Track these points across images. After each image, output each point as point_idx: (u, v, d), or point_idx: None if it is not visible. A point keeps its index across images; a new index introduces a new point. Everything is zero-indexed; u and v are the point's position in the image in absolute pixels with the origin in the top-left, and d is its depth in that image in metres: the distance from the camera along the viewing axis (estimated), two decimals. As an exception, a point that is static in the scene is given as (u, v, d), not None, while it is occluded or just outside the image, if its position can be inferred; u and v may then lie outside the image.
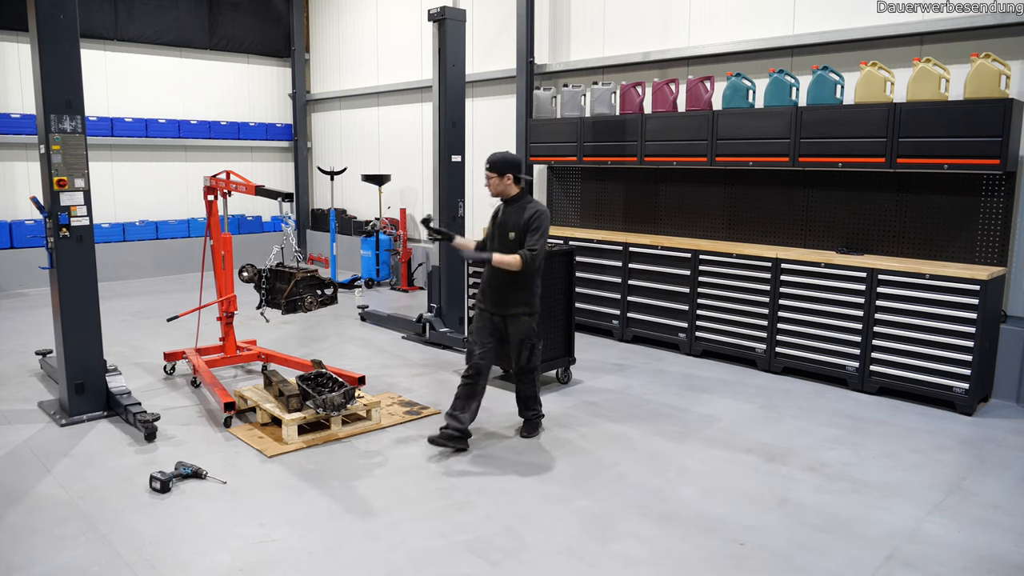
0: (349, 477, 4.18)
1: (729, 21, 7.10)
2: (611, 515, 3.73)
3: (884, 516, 3.77)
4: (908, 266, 5.57)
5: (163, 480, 3.91)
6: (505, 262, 4.38)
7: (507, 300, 4.55)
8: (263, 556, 3.34)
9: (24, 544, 3.41)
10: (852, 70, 6.11)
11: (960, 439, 4.87)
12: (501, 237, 4.55)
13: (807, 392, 5.81)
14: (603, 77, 8.16)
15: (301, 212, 12.61)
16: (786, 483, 4.15)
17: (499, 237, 4.57)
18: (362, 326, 8.02)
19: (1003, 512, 3.83)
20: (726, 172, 7.04)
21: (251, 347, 6.32)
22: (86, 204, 4.90)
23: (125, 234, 10.89)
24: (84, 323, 4.99)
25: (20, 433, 4.79)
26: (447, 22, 6.89)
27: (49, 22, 4.68)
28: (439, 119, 7.09)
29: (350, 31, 11.85)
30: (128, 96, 10.89)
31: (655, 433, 4.90)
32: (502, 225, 4.58)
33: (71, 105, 4.80)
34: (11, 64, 9.86)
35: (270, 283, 5.31)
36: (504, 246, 4.50)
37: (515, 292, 4.53)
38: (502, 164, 4.51)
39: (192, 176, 11.43)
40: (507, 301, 4.55)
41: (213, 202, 5.89)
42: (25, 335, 7.29)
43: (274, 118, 12.53)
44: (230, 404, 4.87)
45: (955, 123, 5.30)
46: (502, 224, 4.59)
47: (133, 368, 6.20)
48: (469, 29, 6.85)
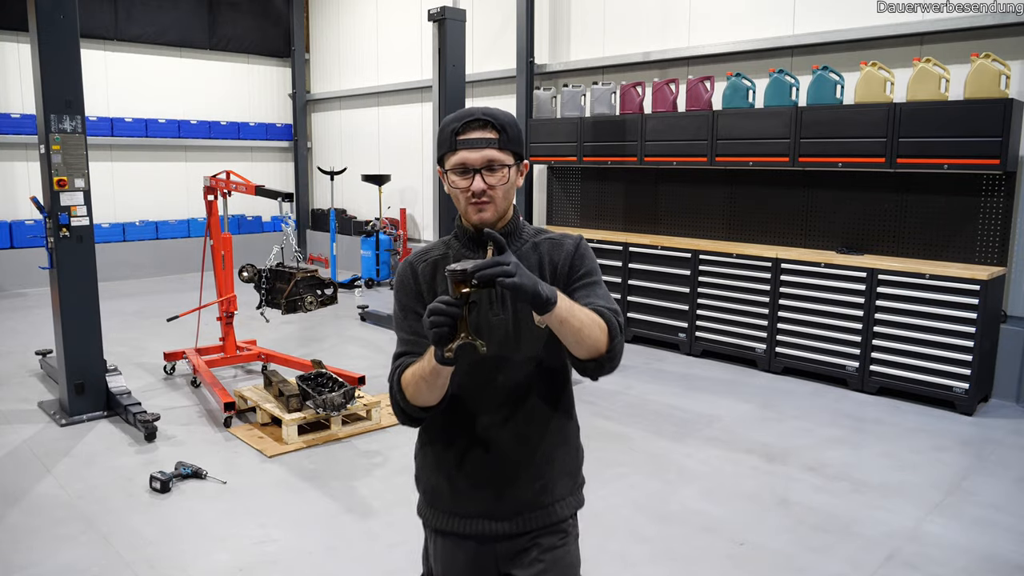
0: (349, 477, 4.18)
1: (729, 21, 7.10)
2: (611, 515, 3.73)
3: (884, 516, 3.76)
4: (908, 266, 5.57)
5: (163, 480, 3.91)
6: (589, 323, 1.57)
7: (543, 480, 1.77)
8: (263, 556, 3.34)
9: (24, 544, 3.41)
10: (852, 70, 6.10)
11: (960, 439, 4.86)
12: (498, 327, 1.71)
13: (807, 392, 5.81)
14: (603, 77, 8.15)
15: (301, 212, 12.60)
16: (786, 483, 4.15)
17: (495, 328, 1.71)
18: (362, 326, 8.02)
19: (1003, 512, 3.83)
20: (726, 172, 7.04)
21: (251, 347, 6.32)
22: (86, 204, 4.90)
23: (125, 234, 10.88)
24: (84, 323, 4.99)
25: (20, 433, 4.79)
26: (447, 22, 6.88)
27: (49, 22, 4.68)
28: (439, 119, 7.09)
29: (350, 31, 11.84)
30: (128, 96, 10.88)
31: (655, 433, 4.89)
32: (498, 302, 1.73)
33: (71, 105, 4.79)
34: (11, 64, 9.86)
35: (270, 283, 5.32)
36: (522, 342, 1.71)
37: (559, 454, 1.80)
38: (518, 135, 1.71)
39: (192, 176, 11.42)
40: (543, 485, 1.77)
41: (213, 202, 5.89)
42: (25, 335, 7.29)
43: (274, 118, 12.52)
44: (230, 404, 4.87)
45: (955, 123, 5.30)
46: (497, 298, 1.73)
47: (133, 368, 6.19)
48: (469, 29, 6.85)
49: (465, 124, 1.63)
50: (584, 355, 1.57)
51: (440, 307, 1.41)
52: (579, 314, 1.52)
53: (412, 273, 1.76)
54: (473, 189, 1.62)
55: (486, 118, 1.64)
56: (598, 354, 1.57)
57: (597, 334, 1.54)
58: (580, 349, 1.55)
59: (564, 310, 1.48)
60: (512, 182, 1.67)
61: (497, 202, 1.65)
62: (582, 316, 1.52)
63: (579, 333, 1.52)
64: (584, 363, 1.59)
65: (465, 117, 1.64)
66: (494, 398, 1.70)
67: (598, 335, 1.54)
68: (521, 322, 1.69)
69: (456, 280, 1.39)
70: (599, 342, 1.55)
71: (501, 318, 1.70)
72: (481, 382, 1.69)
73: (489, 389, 1.70)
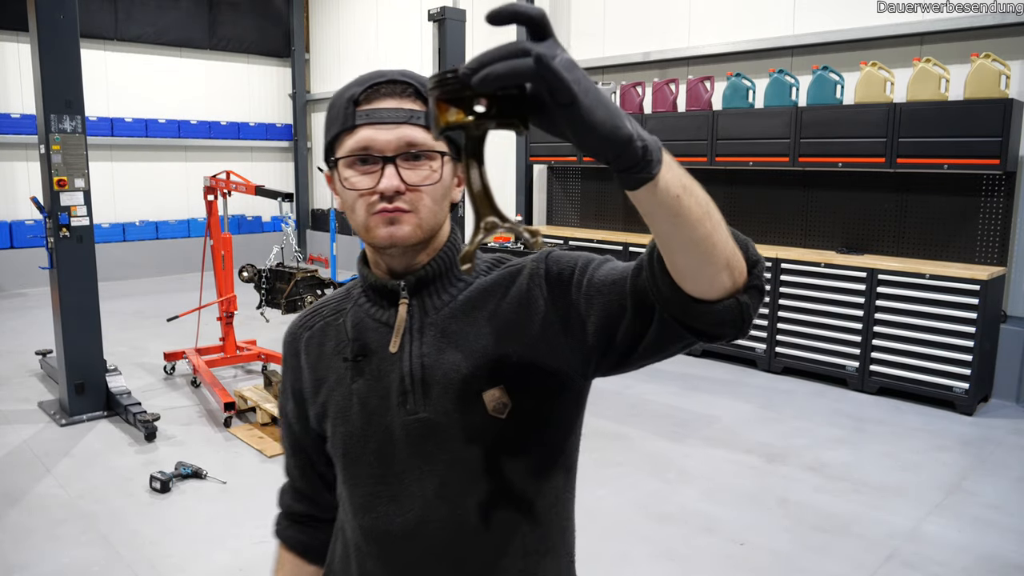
0: (349, 477, 4.17)
1: (729, 21, 7.10)
2: (610, 514, 3.73)
3: (884, 516, 3.76)
4: (908, 266, 5.57)
5: (163, 480, 3.91)
6: (719, 216, 0.83)
7: None
8: (263, 556, 3.33)
9: (24, 544, 3.41)
10: (852, 70, 6.10)
11: (960, 439, 4.86)
12: (419, 398, 1.04)
13: (807, 392, 5.81)
14: (603, 77, 8.15)
15: (301, 212, 12.60)
16: (786, 483, 4.15)
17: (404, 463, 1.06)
18: (362, 326, 8.01)
19: (1003, 512, 3.83)
20: (726, 172, 7.04)
21: (251, 347, 6.32)
22: (86, 204, 4.90)
23: (125, 234, 10.88)
24: (84, 323, 4.99)
25: (20, 433, 4.78)
26: (447, 22, 6.88)
27: (49, 22, 4.68)
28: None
29: (350, 31, 11.84)
30: (128, 96, 10.88)
31: (655, 433, 4.89)
32: (419, 367, 1.04)
33: (71, 105, 4.79)
34: (11, 64, 9.86)
35: (270, 283, 5.32)
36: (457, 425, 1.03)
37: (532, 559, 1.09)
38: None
39: (192, 176, 11.42)
40: None
41: (213, 202, 5.89)
42: (25, 335, 7.29)
43: (274, 118, 12.52)
44: (230, 404, 4.87)
45: (955, 123, 5.30)
46: (419, 364, 1.04)
47: (133, 368, 6.19)
48: (469, 29, 6.84)
49: (371, 88, 1.02)
50: (710, 282, 0.82)
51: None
52: (701, 192, 0.81)
53: (291, 341, 1.21)
54: (380, 188, 0.98)
55: (405, 80, 1.02)
56: (735, 283, 0.84)
57: (731, 243, 0.84)
58: (705, 266, 0.81)
59: (676, 174, 0.78)
60: (445, 184, 1.02)
61: (420, 212, 1.00)
62: (704, 196, 0.81)
63: (704, 225, 0.79)
64: (707, 307, 0.84)
65: (374, 79, 1.03)
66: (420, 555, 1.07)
67: (733, 246, 0.84)
68: (456, 411, 1.02)
69: (444, 96, 0.69)
70: (736, 257, 0.84)
71: (417, 417, 1.03)
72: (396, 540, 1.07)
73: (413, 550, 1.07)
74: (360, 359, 1.08)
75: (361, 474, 1.08)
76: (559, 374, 1.03)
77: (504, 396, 1.01)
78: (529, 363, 1.02)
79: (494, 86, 0.66)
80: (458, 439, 1.02)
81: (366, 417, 1.07)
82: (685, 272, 0.83)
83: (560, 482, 1.10)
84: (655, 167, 0.74)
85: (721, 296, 0.84)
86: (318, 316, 1.18)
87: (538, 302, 1.02)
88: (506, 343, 1.02)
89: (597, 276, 0.99)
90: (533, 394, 1.03)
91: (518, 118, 0.69)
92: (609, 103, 0.69)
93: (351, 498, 1.11)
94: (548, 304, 1.02)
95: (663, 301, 0.87)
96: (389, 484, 1.06)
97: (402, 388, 1.04)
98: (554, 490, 1.08)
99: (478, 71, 0.66)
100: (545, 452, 1.07)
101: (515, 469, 1.04)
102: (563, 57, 0.67)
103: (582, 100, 0.67)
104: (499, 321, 1.03)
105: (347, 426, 1.09)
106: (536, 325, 1.02)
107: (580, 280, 1.00)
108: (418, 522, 1.04)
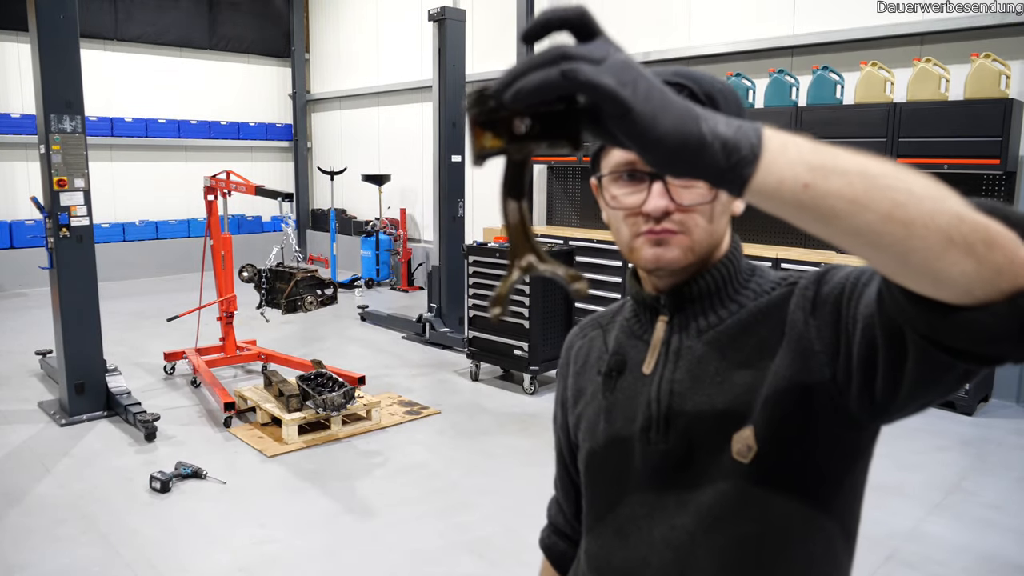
0: (349, 477, 4.18)
1: (729, 21, 7.10)
2: None
3: (884, 516, 3.76)
4: (908, 266, 5.56)
5: (163, 480, 3.91)
6: (921, 193, 0.61)
7: None
8: (263, 556, 3.34)
9: (24, 544, 3.41)
10: (852, 70, 6.10)
11: (960, 439, 4.86)
12: (679, 444, 0.94)
13: (807, 392, 5.80)
14: (603, 77, 8.15)
15: (301, 212, 12.60)
16: (786, 483, 4.15)
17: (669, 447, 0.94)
18: (362, 326, 8.02)
19: (1003, 512, 3.83)
20: (726, 172, 7.04)
21: (251, 347, 6.32)
22: (86, 204, 4.90)
23: (125, 234, 10.89)
24: (84, 323, 4.99)
25: (20, 433, 4.78)
26: (447, 22, 6.89)
27: (49, 22, 4.68)
28: (439, 119, 7.09)
29: (350, 31, 11.85)
30: (128, 96, 10.89)
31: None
32: (689, 390, 0.94)
33: (71, 105, 4.79)
34: (11, 64, 9.86)
35: (270, 283, 5.32)
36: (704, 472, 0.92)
37: None
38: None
39: (192, 176, 11.40)
40: None
41: (213, 202, 5.89)
42: (25, 335, 7.29)
43: (274, 118, 12.52)
44: (230, 404, 4.87)
45: (955, 123, 5.30)
46: (690, 386, 0.94)
47: (133, 368, 6.19)
48: (469, 29, 6.85)
49: None
50: (935, 280, 0.60)
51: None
52: (859, 161, 0.60)
53: (566, 349, 1.17)
54: (646, 210, 0.90)
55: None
56: (999, 274, 0.59)
57: (952, 215, 0.60)
58: (910, 257, 0.60)
59: (793, 158, 0.59)
60: (724, 200, 0.94)
61: (693, 234, 0.92)
62: (867, 165, 0.60)
63: (875, 207, 0.58)
64: (962, 317, 0.61)
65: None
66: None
67: (963, 218, 0.60)
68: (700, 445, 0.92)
69: (480, 119, 0.60)
70: (977, 233, 0.59)
71: (656, 448, 0.95)
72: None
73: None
74: (614, 374, 1.02)
75: (596, 496, 1.03)
76: (821, 416, 0.86)
77: (752, 439, 0.87)
78: (789, 404, 0.87)
79: (527, 102, 0.56)
80: (693, 480, 0.91)
81: (610, 437, 1.00)
82: (890, 272, 0.64)
83: (818, 549, 0.92)
84: (747, 166, 0.58)
85: (989, 298, 0.60)
86: (594, 325, 1.13)
87: (807, 333, 0.87)
88: (768, 380, 0.88)
89: (866, 294, 0.79)
90: (787, 440, 0.87)
91: (566, 137, 0.59)
92: (679, 104, 0.57)
93: (585, 518, 1.06)
94: (815, 335, 0.86)
95: (902, 315, 0.67)
96: (617, 514, 0.99)
97: (647, 414, 0.96)
98: (808, 557, 0.91)
99: (510, 85, 0.57)
100: (798, 509, 0.90)
101: (755, 523, 0.89)
102: (615, 59, 0.56)
103: (639, 108, 0.55)
104: (766, 353, 0.90)
105: (592, 442, 1.03)
106: (799, 359, 0.87)
107: (849, 301, 0.83)
108: (639, 563, 0.95)
